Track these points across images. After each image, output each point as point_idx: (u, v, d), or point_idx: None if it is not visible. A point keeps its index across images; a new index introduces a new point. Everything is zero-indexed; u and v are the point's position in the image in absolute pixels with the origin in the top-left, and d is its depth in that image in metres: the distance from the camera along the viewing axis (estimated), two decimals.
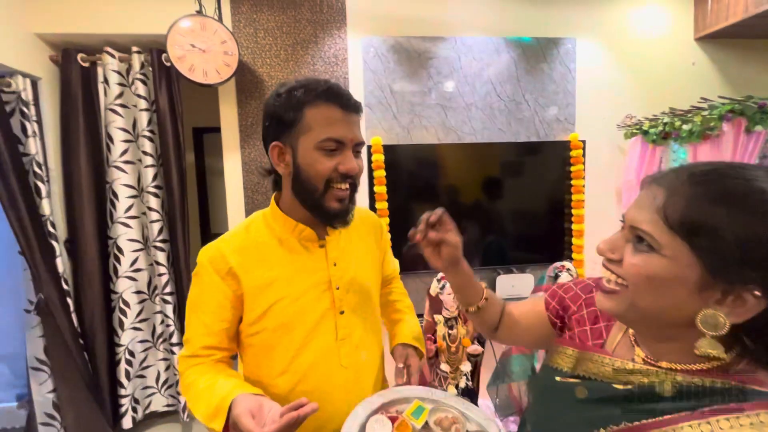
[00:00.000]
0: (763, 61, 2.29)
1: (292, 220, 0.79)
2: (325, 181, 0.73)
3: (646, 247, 0.46)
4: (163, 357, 2.09)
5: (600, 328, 0.61)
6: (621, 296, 0.49)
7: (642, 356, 0.52)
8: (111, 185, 1.95)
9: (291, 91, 0.73)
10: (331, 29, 2.00)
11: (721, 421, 0.41)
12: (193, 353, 0.77)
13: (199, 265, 0.78)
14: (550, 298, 0.72)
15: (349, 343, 0.82)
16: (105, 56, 1.88)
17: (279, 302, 0.77)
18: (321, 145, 0.72)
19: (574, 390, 0.54)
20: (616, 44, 2.21)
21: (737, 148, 1.67)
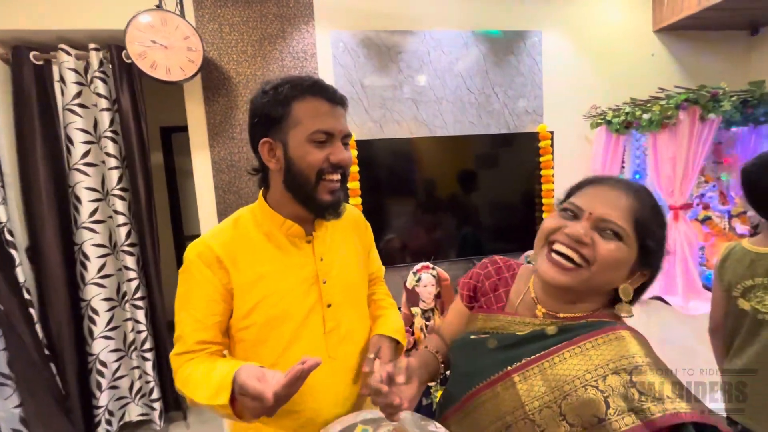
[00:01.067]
0: (716, 52, 2.41)
1: (280, 216, 0.80)
2: (316, 172, 0.75)
3: (614, 236, 0.59)
4: (136, 365, 2.03)
5: (500, 294, 0.76)
6: (579, 272, 0.60)
7: (543, 311, 0.67)
8: (73, 189, 1.87)
9: (277, 88, 0.75)
10: (298, 24, 1.97)
11: (586, 343, 0.59)
12: (186, 350, 0.77)
13: (187, 261, 0.78)
14: (462, 290, 0.82)
15: (337, 334, 0.84)
16: (60, 53, 1.80)
17: (268, 298, 0.78)
18: (312, 137, 0.74)
19: (486, 342, 0.69)
20: (580, 37, 2.27)
21: (693, 135, 1.76)
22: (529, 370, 0.60)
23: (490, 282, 0.78)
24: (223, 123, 1.95)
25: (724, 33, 2.39)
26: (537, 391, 0.59)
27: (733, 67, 2.42)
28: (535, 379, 0.60)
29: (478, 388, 0.65)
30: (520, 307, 0.71)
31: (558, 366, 0.59)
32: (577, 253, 0.59)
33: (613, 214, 0.59)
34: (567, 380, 0.57)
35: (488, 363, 0.65)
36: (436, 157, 2.14)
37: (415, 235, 2.16)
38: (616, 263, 0.59)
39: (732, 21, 2.25)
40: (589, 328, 0.61)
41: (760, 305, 1.11)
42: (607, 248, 0.58)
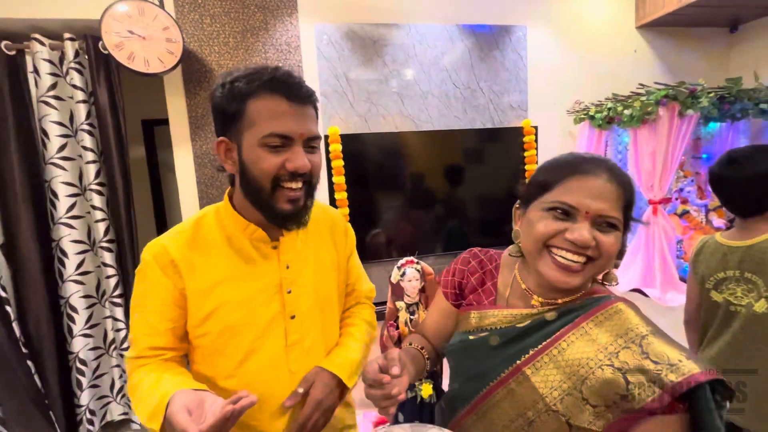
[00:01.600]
0: (697, 48, 2.45)
1: (243, 219, 0.75)
2: (271, 180, 0.68)
3: (611, 228, 0.59)
4: (117, 364, 2.00)
5: (488, 288, 0.74)
6: (587, 270, 0.60)
7: (540, 300, 0.66)
8: (49, 183, 1.82)
9: (234, 82, 0.68)
10: (281, 15, 1.93)
11: (588, 323, 0.60)
12: (139, 354, 0.73)
13: (143, 262, 0.74)
14: (445, 287, 0.79)
15: (300, 348, 0.78)
16: (33, 44, 1.73)
17: (223, 306, 0.73)
18: (265, 141, 0.66)
19: (487, 340, 0.67)
20: (564, 32, 2.28)
21: (672, 131, 1.79)
22: (539, 361, 0.60)
23: (476, 277, 0.75)
24: (205, 116, 1.92)
25: (705, 30, 2.43)
26: (553, 380, 0.58)
27: (714, 64, 2.46)
28: (547, 368, 0.59)
29: (489, 388, 0.64)
30: (510, 298, 0.70)
31: (567, 351, 0.59)
32: (584, 255, 0.59)
33: (607, 208, 0.58)
34: (581, 364, 0.57)
35: (495, 361, 0.64)
36: (421, 152, 2.14)
37: (401, 230, 2.17)
38: (617, 251, 0.60)
39: (712, 18, 2.29)
40: (586, 307, 0.62)
41: (732, 297, 1.14)
42: (609, 242, 0.59)
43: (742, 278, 1.12)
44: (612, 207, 0.59)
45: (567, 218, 0.60)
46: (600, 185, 0.59)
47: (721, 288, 1.17)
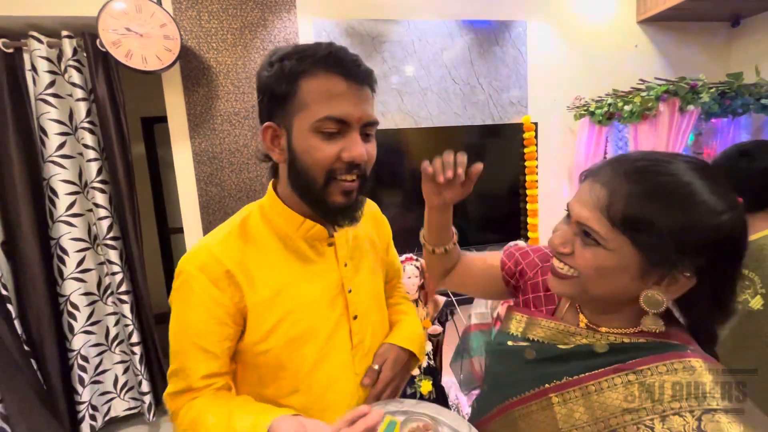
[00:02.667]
0: (698, 43, 2.43)
1: (297, 215, 0.66)
2: (326, 172, 0.60)
3: (593, 241, 0.50)
4: (121, 360, 2.01)
5: (553, 295, 0.66)
6: (573, 282, 0.53)
7: (585, 322, 0.59)
8: (48, 182, 1.82)
9: (284, 59, 0.59)
10: (280, 12, 1.92)
11: (644, 370, 0.49)
12: (188, 386, 0.62)
13: (186, 276, 0.62)
14: (507, 258, 0.74)
15: (362, 349, 0.73)
16: (31, 41, 1.73)
17: (290, 315, 0.65)
18: (319, 126, 0.58)
19: (523, 352, 0.61)
20: (564, 27, 2.26)
21: (672, 126, 1.78)
22: (570, 392, 0.53)
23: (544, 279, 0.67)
24: (204, 114, 1.91)
25: (706, 24, 2.41)
26: (578, 419, 0.51)
27: (715, 58, 2.45)
28: (576, 403, 0.52)
29: (511, 402, 0.59)
30: (567, 313, 0.63)
31: (606, 393, 0.50)
32: (564, 263, 0.54)
33: (584, 215, 0.50)
34: (615, 412, 0.48)
35: (525, 376, 0.59)
36: (421, 149, 2.13)
37: (400, 227, 2.16)
38: (600, 272, 0.50)
39: (714, 12, 2.27)
40: (648, 350, 0.50)
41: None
42: (583, 256, 0.50)
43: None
44: (590, 216, 0.50)
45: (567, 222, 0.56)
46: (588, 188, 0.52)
47: None
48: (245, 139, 1.96)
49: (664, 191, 0.46)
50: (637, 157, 0.51)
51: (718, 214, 0.45)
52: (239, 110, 1.94)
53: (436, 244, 0.77)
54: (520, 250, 0.74)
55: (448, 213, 0.74)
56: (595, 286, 0.51)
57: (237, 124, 1.95)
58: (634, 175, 0.48)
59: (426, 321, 1.70)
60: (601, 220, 0.49)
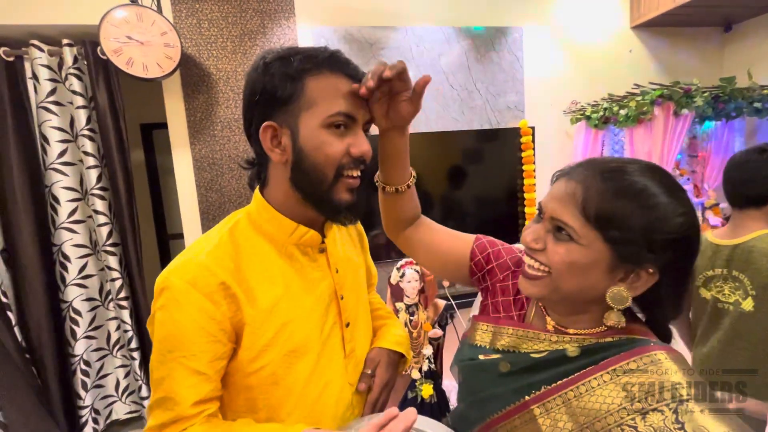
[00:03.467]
0: (691, 48, 2.47)
1: (290, 220, 0.64)
2: (336, 167, 0.59)
3: (566, 237, 0.52)
4: (122, 364, 2.02)
5: (522, 300, 0.67)
6: (544, 282, 0.54)
7: (553, 324, 0.60)
8: (50, 189, 1.83)
9: (285, 59, 0.59)
10: (279, 19, 1.95)
11: (616, 369, 0.51)
12: (176, 416, 0.56)
13: (174, 292, 0.57)
14: (478, 250, 0.73)
15: (354, 358, 0.71)
16: (32, 50, 1.74)
17: (286, 326, 0.62)
18: (330, 121, 0.58)
19: (497, 365, 0.60)
20: (560, 33, 2.30)
21: (667, 130, 1.81)
22: (551, 401, 0.53)
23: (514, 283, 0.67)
24: (204, 120, 1.93)
25: (699, 29, 2.45)
26: (563, 427, 0.51)
27: (708, 63, 2.48)
28: (558, 412, 0.52)
29: (493, 418, 0.58)
30: (534, 317, 0.63)
31: (585, 397, 0.51)
32: (536, 260, 0.54)
33: (558, 211, 0.52)
34: (598, 416, 0.49)
35: (503, 390, 0.58)
36: (419, 154, 2.15)
37: None
38: (571, 267, 0.51)
39: (706, 18, 2.31)
40: (617, 348, 0.53)
41: (720, 294, 1.16)
42: (556, 252, 0.52)
43: (729, 276, 1.14)
44: (564, 211, 0.52)
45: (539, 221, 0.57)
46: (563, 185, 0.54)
47: (710, 285, 1.19)
48: (245, 145, 1.98)
49: (635, 190, 0.50)
50: (609, 160, 0.55)
51: (681, 215, 0.49)
52: (239, 116, 1.96)
53: (387, 180, 0.72)
54: (493, 247, 0.73)
55: (401, 140, 0.68)
56: (566, 282, 0.52)
57: (237, 130, 1.96)
58: (608, 174, 0.51)
59: (426, 325, 1.71)
60: (575, 215, 0.51)
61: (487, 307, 0.70)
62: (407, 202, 0.76)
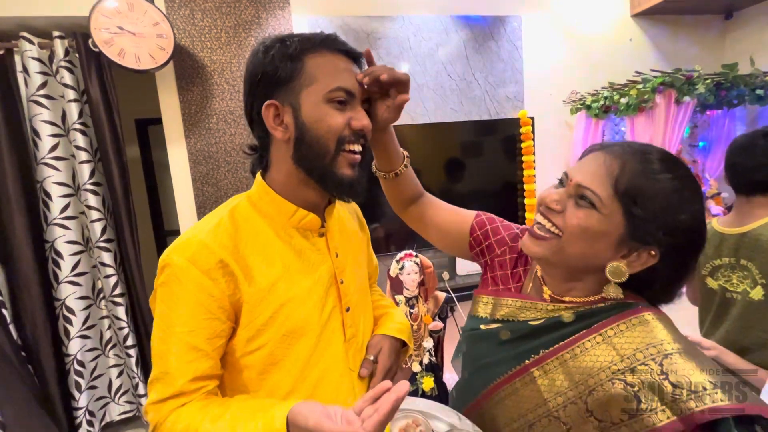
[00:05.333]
0: (692, 36, 2.44)
1: (290, 203, 0.66)
2: (337, 139, 0.61)
3: (588, 204, 0.54)
4: (115, 363, 1.98)
5: (519, 272, 0.70)
6: (550, 243, 0.57)
7: (549, 293, 0.63)
8: (42, 184, 1.80)
9: (284, 41, 0.62)
10: (274, 9, 1.91)
11: (607, 331, 0.55)
12: (176, 392, 0.56)
13: (174, 269, 0.58)
14: (477, 226, 0.77)
15: (356, 343, 0.72)
16: (22, 42, 1.70)
17: (284, 307, 0.63)
18: (331, 96, 0.60)
19: (498, 334, 0.64)
20: (559, 22, 2.27)
21: (669, 118, 1.78)
22: (549, 363, 0.57)
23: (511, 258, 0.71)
24: (199, 113, 1.90)
25: (700, 17, 2.42)
26: (560, 386, 0.55)
27: (709, 51, 2.46)
28: (556, 372, 0.56)
29: (496, 383, 0.62)
30: (531, 288, 0.67)
31: (579, 357, 0.55)
32: (549, 221, 0.57)
33: (587, 180, 0.54)
34: (591, 373, 0.53)
35: (504, 356, 0.62)
36: (418, 145, 2.12)
37: (399, 224, 2.15)
38: (584, 233, 0.54)
39: (707, 5, 2.28)
40: (608, 312, 0.56)
41: (727, 284, 1.14)
42: (575, 215, 0.54)
43: (737, 265, 1.12)
44: (593, 181, 0.54)
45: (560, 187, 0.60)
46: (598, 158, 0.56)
47: (717, 275, 1.16)
48: (241, 137, 1.95)
49: (665, 176, 0.53)
50: (645, 145, 0.58)
51: (697, 207, 0.53)
52: (234, 109, 1.93)
53: (381, 168, 0.78)
54: (492, 223, 0.76)
55: (382, 135, 0.73)
56: (573, 246, 0.55)
57: (232, 122, 1.93)
58: (645, 156, 0.55)
59: (427, 317, 1.69)
60: (604, 185, 0.53)
61: (486, 280, 0.73)
62: (405, 183, 0.81)
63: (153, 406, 0.58)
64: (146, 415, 0.59)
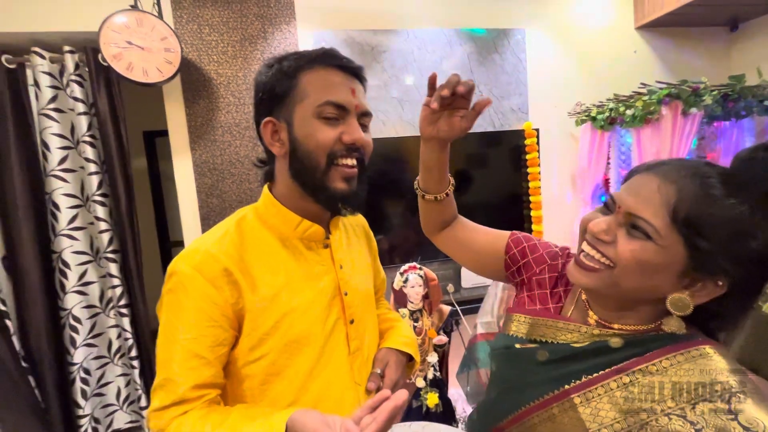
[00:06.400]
0: (697, 48, 2.43)
1: (294, 214, 0.67)
2: (327, 154, 0.62)
3: (642, 234, 0.49)
4: (123, 372, 1.98)
5: (559, 293, 0.65)
6: (601, 275, 0.52)
7: (595, 318, 0.58)
8: (50, 195, 1.82)
9: (282, 60, 0.65)
10: (279, 24, 1.94)
11: (662, 361, 0.50)
12: (178, 399, 0.57)
13: (180, 276, 0.60)
14: (514, 244, 0.73)
15: (360, 356, 0.72)
16: (34, 57, 1.74)
17: (287, 316, 0.63)
18: (320, 111, 0.61)
19: (535, 354, 0.59)
20: (563, 35, 2.27)
21: (675, 130, 1.77)
22: (593, 391, 0.52)
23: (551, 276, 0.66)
24: (205, 125, 1.92)
25: (705, 29, 2.42)
26: (605, 417, 0.50)
27: (714, 63, 2.44)
28: (600, 401, 0.51)
29: (529, 407, 0.57)
30: (574, 311, 0.62)
31: (629, 388, 0.50)
32: (599, 252, 0.52)
33: (641, 208, 0.49)
34: (643, 406, 0.48)
35: (540, 378, 0.57)
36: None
37: (403, 236, 2.15)
38: (641, 266, 0.49)
39: (712, 17, 2.28)
40: (662, 341, 0.51)
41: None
42: (629, 248, 0.49)
43: None
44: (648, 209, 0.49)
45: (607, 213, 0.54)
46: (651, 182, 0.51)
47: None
48: (246, 149, 1.96)
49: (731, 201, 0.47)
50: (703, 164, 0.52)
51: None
52: (240, 121, 1.94)
53: (427, 189, 0.74)
54: (529, 241, 0.72)
55: (442, 154, 0.69)
56: (630, 279, 0.50)
57: (238, 134, 1.95)
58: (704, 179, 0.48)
59: (431, 331, 1.66)
60: (660, 214, 0.48)
61: (522, 299, 0.69)
62: (446, 207, 0.77)
63: (155, 413, 0.58)
64: (149, 422, 0.59)
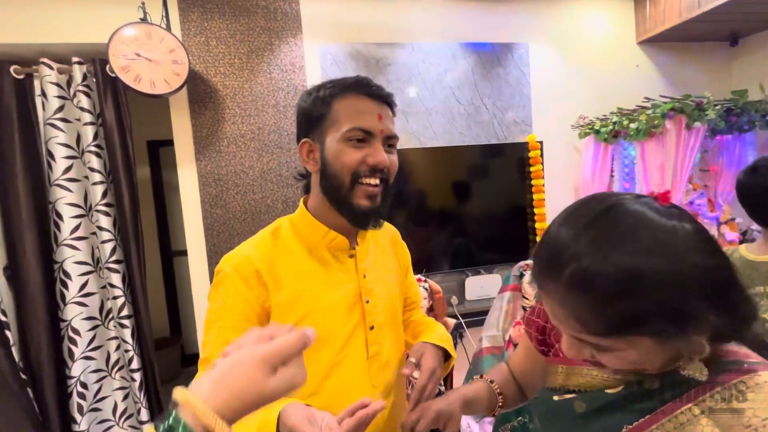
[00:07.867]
0: (698, 62, 2.46)
1: (323, 225, 0.75)
2: (351, 174, 0.69)
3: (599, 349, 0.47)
4: (120, 386, 1.95)
5: None
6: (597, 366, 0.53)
7: None
8: (54, 205, 1.81)
9: (320, 88, 0.73)
10: (286, 36, 1.96)
11: (706, 400, 0.44)
12: None
13: (222, 275, 0.71)
14: (531, 330, 0.72)
15: (379, 360, 0.77)
16: (42, 67, 1.76)
17: (308, 317, 0.71)
18: (347, 135, 0.69)
19: (572, 405, 0.56)
20: (566, 49, 2.30)
21: (680, 143, 1.77)
22: None
23: None
24: (210, 136, 1.92)
25: (705, 44, 2.45)
26: None
27: (715, 77, 2.47)
28: None
29: None
30: None
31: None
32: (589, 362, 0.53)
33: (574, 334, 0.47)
34: None
35: None
36: (426, 169, 2.12)
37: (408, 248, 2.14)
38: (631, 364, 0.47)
39: (712, 32, 2.31)
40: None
41: (765, 314, 1.10)
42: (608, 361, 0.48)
43: None
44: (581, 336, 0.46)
45: None
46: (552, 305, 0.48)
47: None
48: (251, 160, 1.96)
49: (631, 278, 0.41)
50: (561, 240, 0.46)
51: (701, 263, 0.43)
52: (245, 132, 1.95)
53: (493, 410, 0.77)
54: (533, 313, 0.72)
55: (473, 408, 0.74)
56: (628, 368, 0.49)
57: (243, 146, 1.95)
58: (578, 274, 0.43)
59: None
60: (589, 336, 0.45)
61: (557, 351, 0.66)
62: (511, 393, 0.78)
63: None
64: None
